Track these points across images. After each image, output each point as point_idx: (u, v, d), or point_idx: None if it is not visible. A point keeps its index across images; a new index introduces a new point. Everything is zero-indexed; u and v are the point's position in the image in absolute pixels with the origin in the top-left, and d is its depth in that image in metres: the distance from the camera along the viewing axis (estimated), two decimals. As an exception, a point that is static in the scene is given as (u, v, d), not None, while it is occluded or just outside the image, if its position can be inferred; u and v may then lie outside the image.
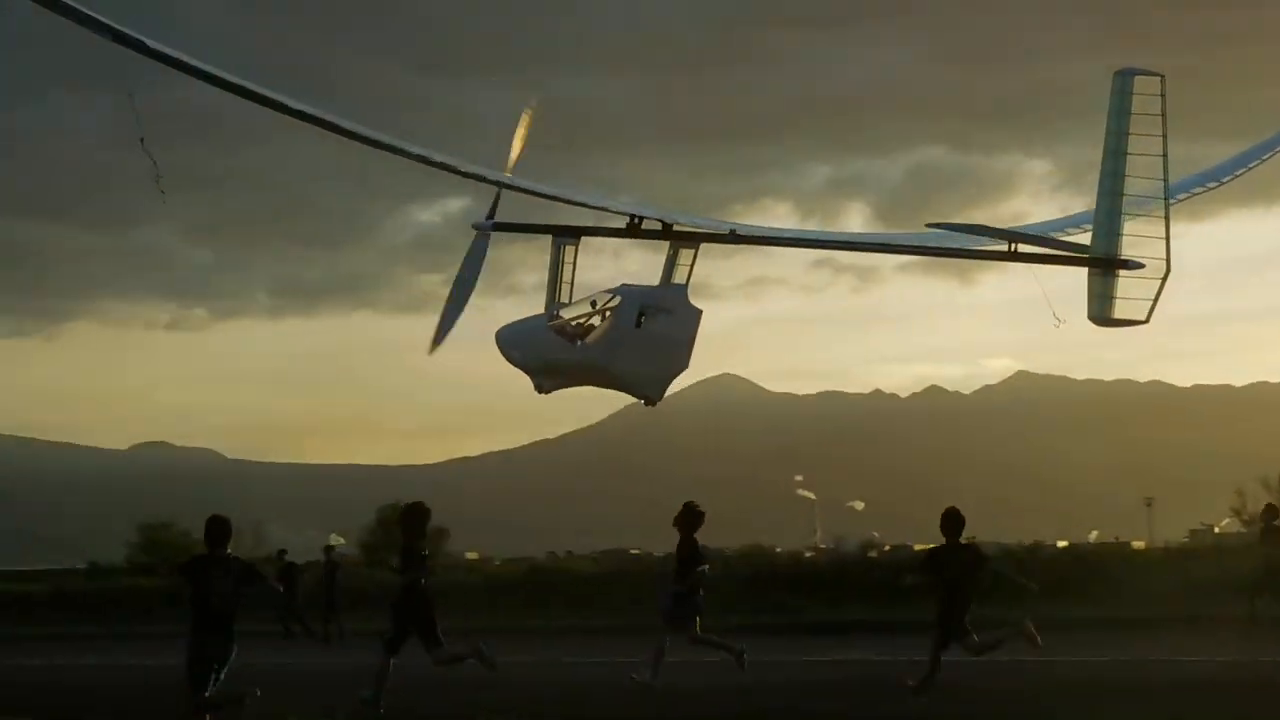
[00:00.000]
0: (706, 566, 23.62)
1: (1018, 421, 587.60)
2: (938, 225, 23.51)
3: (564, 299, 23.18)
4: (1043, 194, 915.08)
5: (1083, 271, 21.01)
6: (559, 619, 43.84)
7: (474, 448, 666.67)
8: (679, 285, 23.14)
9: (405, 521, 21.87)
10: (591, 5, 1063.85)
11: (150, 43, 16.98)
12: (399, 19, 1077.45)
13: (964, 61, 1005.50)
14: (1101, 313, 21.52)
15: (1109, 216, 21.21)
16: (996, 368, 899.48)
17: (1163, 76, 20.88)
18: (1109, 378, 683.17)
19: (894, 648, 26.67)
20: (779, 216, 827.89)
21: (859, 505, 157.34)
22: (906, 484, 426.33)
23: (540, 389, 23.80)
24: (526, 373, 23.91)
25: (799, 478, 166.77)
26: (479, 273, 23.68)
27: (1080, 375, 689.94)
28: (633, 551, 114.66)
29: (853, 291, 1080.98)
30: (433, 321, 23.42)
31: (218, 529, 18.06)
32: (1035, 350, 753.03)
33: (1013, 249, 22.18)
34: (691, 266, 23.28)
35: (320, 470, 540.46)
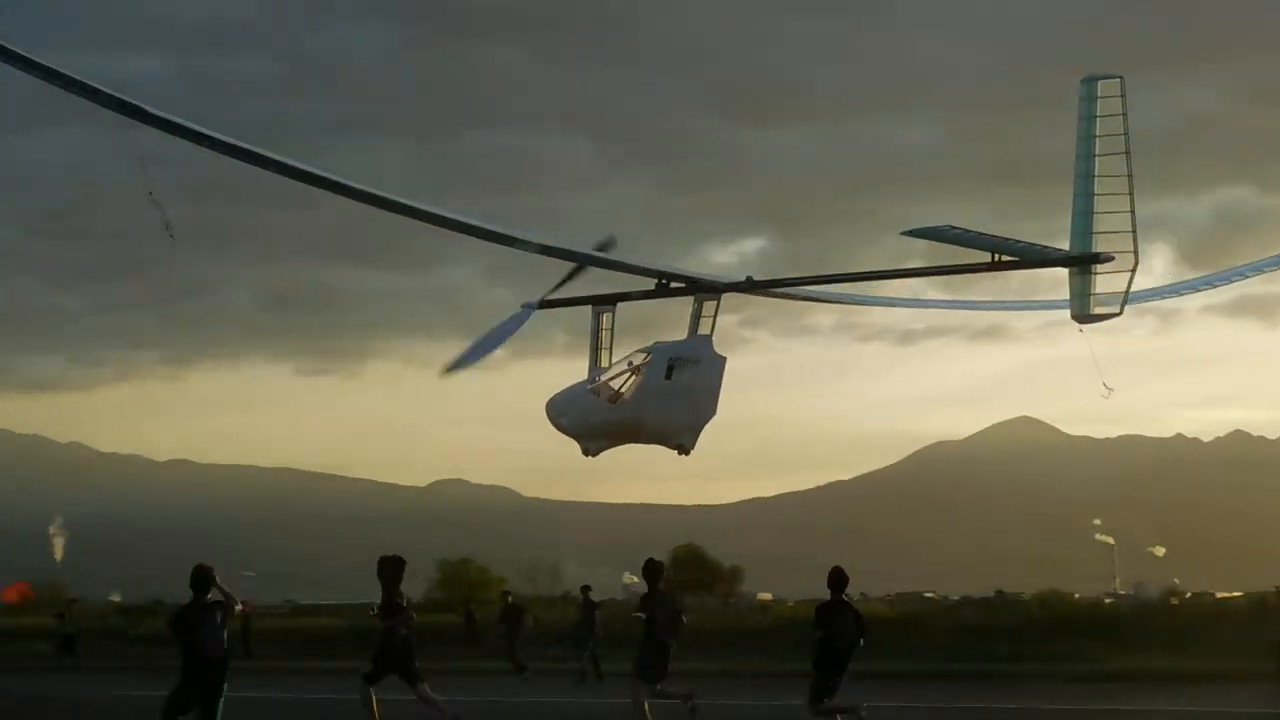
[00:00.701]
0: (643, 616, 23.43)
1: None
2: (913, 231, 23.60)
3: (604, 363, 24.63)
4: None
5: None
6: (854, 662, 43.42)
7: (769, 489, 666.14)
8: (705, 336, 24.30)
9: (382, 572, 22.53)
10: (888, 48, 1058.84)
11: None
12: (716, 67, 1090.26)
13: (1273, 103, 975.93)
14: (1083, 310, 22.79)
15: (1083, 217, 22.45)
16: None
17: (1122, 78, 22.17)
18: None
19: (1198, 698, 25.80)
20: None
21: (1159, 551, 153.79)
22: (1208, 531, 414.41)
23: (587, 452, 24.70)
24: (574, 438, 25.07)
25: (1097, 521, 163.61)
26: (507, 339, 25.84)
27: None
28: (927, 594, 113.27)
29: (1154, 334, 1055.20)
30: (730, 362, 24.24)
31: (200, 576, 19.59)
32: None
33: (996, 259, 23.20)
34: (715, 318, 24.52)
35: (615, 510, 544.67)
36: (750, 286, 25.51)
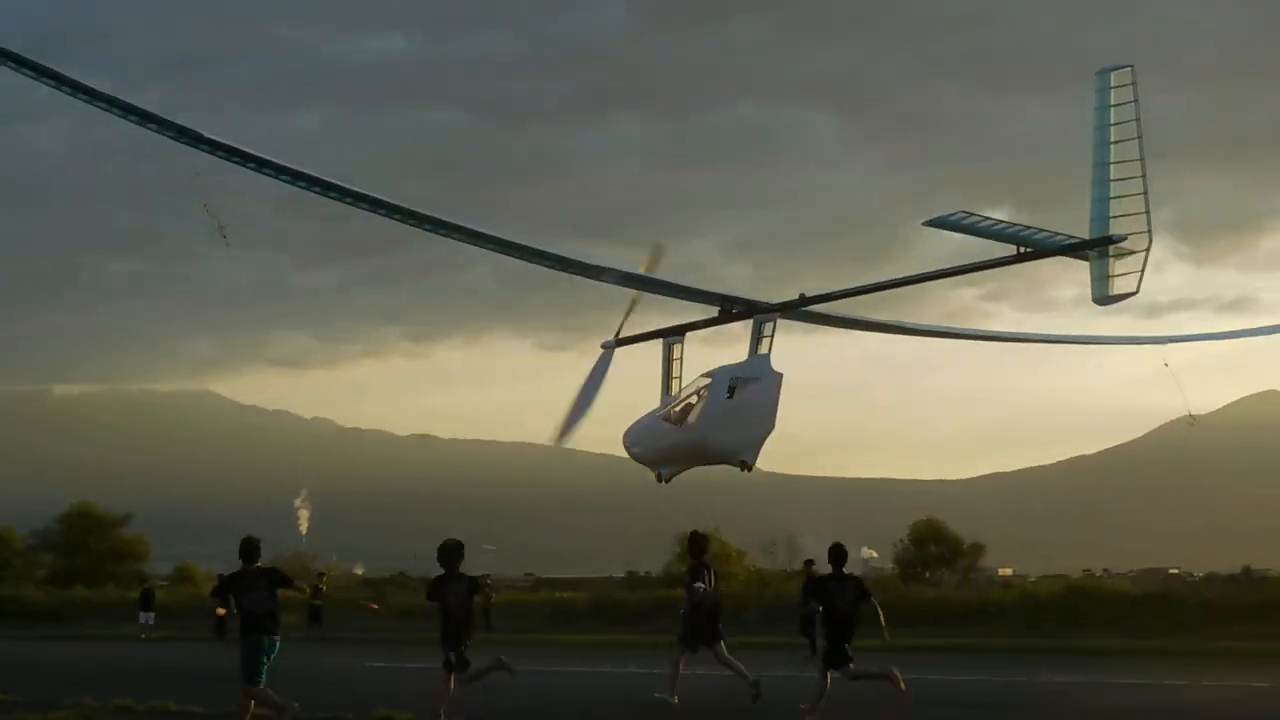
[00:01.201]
0: (700, 585, 24.05)
1: None
2: (933, 221, 24.62)
3: (674, 391, 26.32)
4: None
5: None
6: (1096, 638, 42.76)
7: (1010, 463, 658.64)
8: (763, 355, 25.71)
9: (441, 556, 21.99)
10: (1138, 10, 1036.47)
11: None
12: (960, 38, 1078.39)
13: None
14: (1104, 292, 23.86)
15: (1101, 203, 23.66)
16: None
17: (1132, 67, 23.61)
18: None
19: None
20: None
21: None
22: None
23: (660, 479, 26.52)
24: (647, 465, 26.71)
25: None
26: (600, 385, 27.06)
27: None
28: (1172, 570, 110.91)
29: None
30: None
31: (249, 548, 20.89)
32: None
33: (1020, 251, 24.30)
34: (772, 338, 26.05)
35: (852, 484, 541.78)
36: (803, 303, 26.73)
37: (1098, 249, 23.77)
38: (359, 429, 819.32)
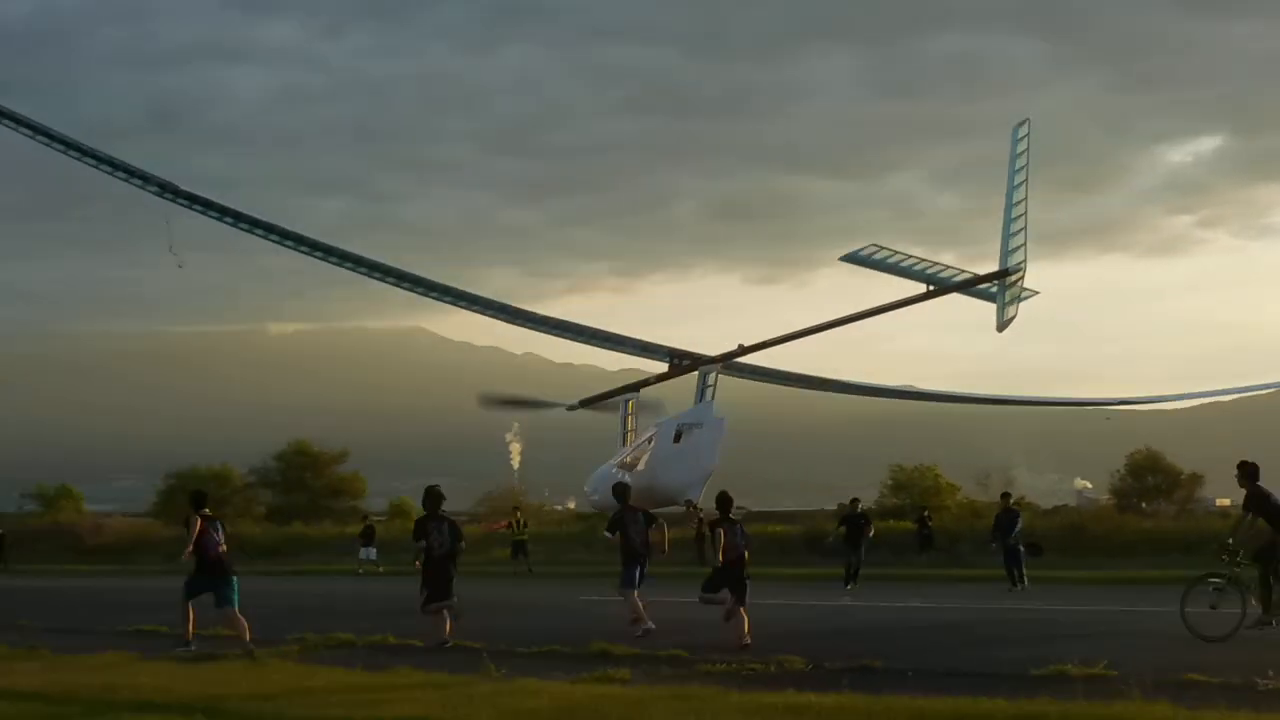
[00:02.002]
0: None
1: None
2: (848, 257, 29.65)
3: (630, 443, 29.07)
4: None
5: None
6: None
7: (1229, 390, 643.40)
8: (708, 403, 29.80)
9: (425, 500, 24.92)
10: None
11: None
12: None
13: None
14: (1004, 319, 29.55)
15: (1009, 237, 29.08)
16: None
17: (1028, 120, 29.92)
18: None
19: None
20: None
21: None
22: None
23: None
24: (603, 511, 29.31)
25: None
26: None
27: None
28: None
29: None
30: (1185, 263, 24.60)
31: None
32: None
33: (929, 290, 29.25)
34: (715, 386, 30.60)
35: (1069, 414, 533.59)
36: (741, 352, 31.36)
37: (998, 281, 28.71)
38: (570, 364, 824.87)
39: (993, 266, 36.37)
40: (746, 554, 24.19)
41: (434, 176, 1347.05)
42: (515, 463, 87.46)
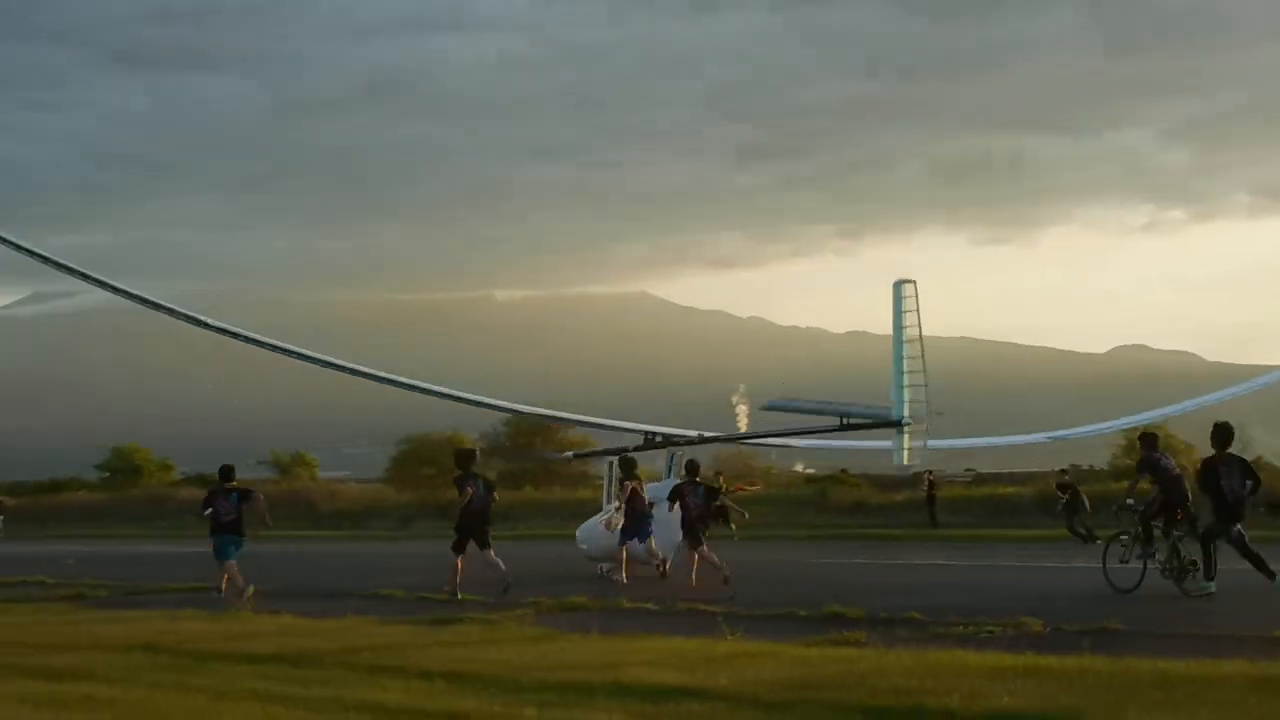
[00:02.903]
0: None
1: None
2: (772, 405, 32.98)
3: (613, 502, 31.35)
4: None
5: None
6: None
7: None
8: (673, 479, 32.07)
9: (456, 459, 28.92)
10: None
11: None
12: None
13: None
14: (899, 460, 32.12)
15: (899, 390, 30.97)
16: None
17: (914, 281, 31.32)
18: None
19: None
20: None
21: None
22: None
23: (600, 572, 31.61)
24: (591, 560, 32.90)
25: None
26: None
27: None
28: None
29: None
30: None
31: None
32: None
33: (844, 422, 31.92)
34: (681, 464, 32.84)
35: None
36: (703, 441, 35.43)
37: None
38: (796, 327, 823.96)
39: (1217, 222, 35.58)
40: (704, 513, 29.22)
41: (657, 143, 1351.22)
42: (742, 425, 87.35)
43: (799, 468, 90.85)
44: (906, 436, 33.25)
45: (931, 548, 41.34)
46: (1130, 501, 24.98)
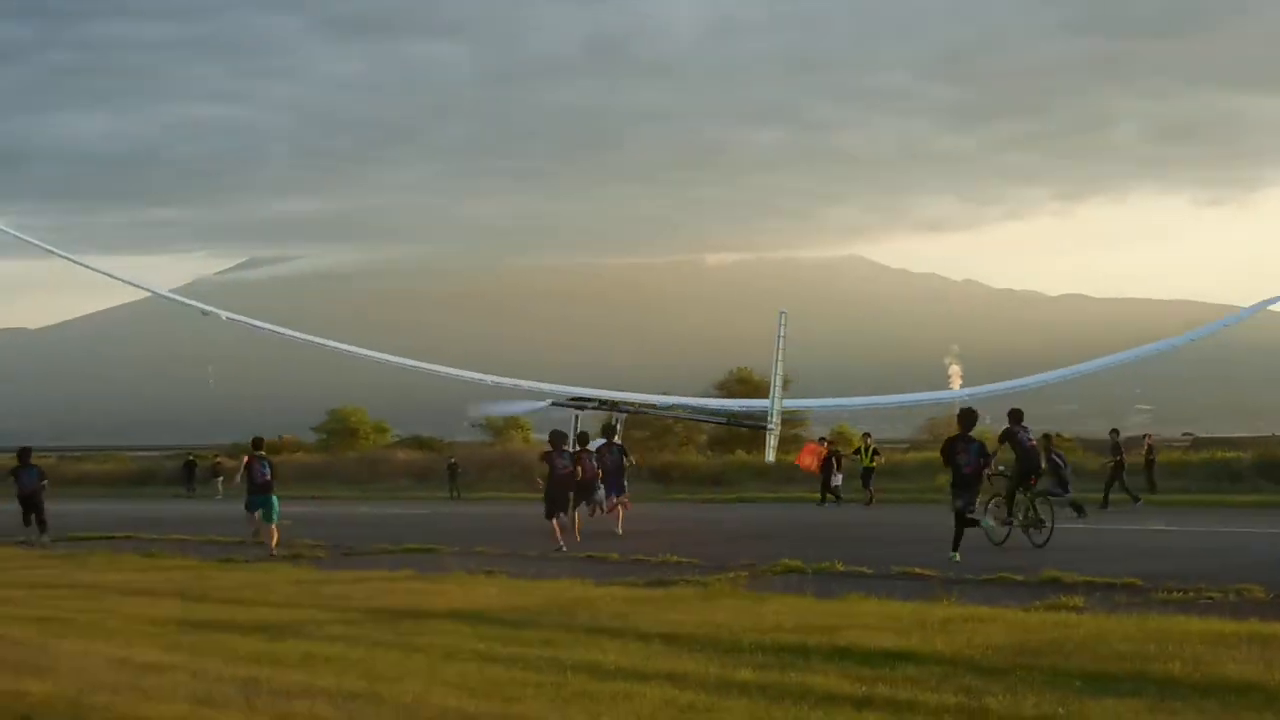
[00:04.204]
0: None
1: None
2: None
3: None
4: None
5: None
6: None
7: None
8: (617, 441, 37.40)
9: (550, 439, 34.84)
10: None
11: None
12: None
13: None
14: (768, 456, 46.05)
15: (773, 401, 43.82)
16: None
17: (784, 311, 46.18)
18: None
19: None
20: None
21: None
22: None
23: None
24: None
25: None
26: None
27: None
28: None
29: None
30: None
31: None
32: None
33: (729, 420, 52.67)
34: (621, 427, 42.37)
35: None
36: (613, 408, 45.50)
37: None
38: (1010, 290, 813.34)
39: None
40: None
41: (870, 105, 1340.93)
42: (955, 386, 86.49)
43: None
44: (771, 436, 45.53)
45: (1151, 512, 40.63)
46: (1001, 469, 28.38)
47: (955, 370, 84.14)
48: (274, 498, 32.06)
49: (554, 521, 31.77)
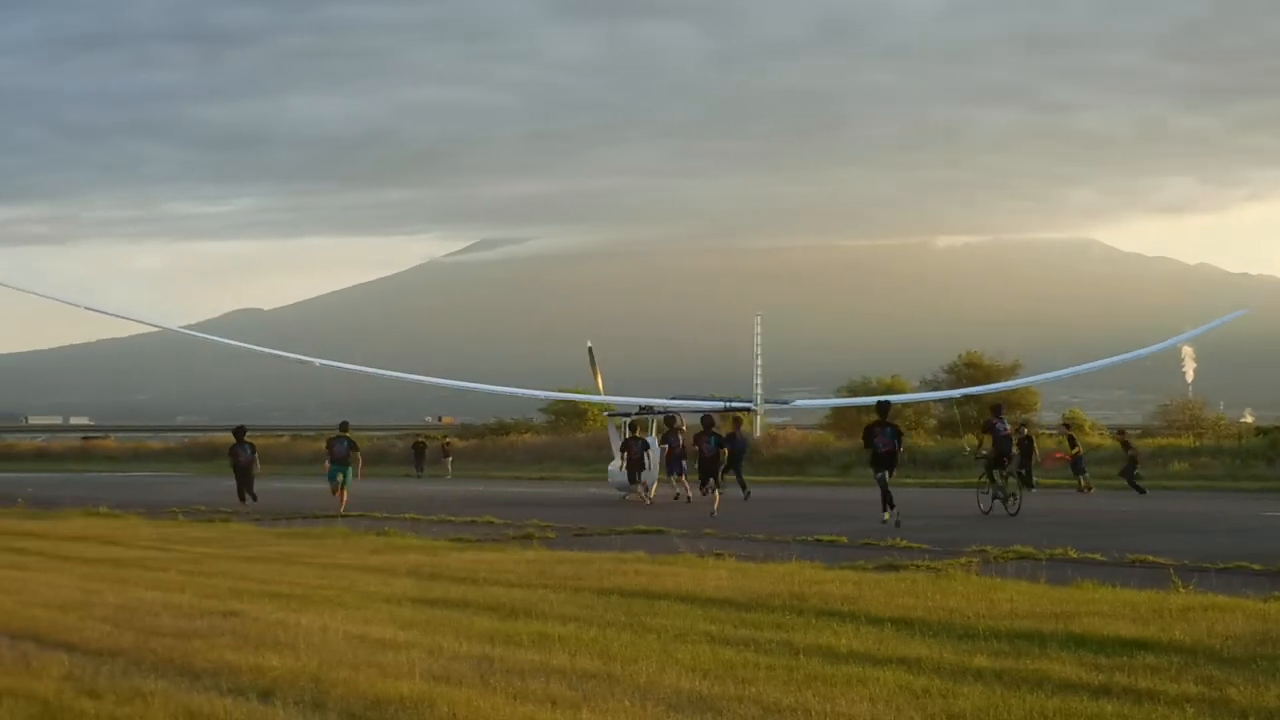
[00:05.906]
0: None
1: None
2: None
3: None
4: None
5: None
6: None
7: None
8: (652, 437, 46.42)
9: (701, 421, 41.65)
10: None
11: None
12: None
13: None
14: (755, 433, 56.27)
15: (756, 388, 49.64)
16: None
17: (761, 316, 52.54)
18: None
19: None
20: None
21: None
22: None
23: (624, 499, 45.39)
24: (619, 490, 47.34)
25: None
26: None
27: None
28: None
29: None
30: None
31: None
32: None
33: (725, 406, 48.47)
34: (654, 425, 48.69)
35: None
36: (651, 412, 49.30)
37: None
38: (1247, 274, 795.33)
39: None
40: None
41: (1108, 84, 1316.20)
42: (1189, 375, 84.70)
43: (1248, 418, 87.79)
44: (759, 417, 53.02)
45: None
46: (983, 453, 36.58)
47: (1189, 351, 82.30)
48: (349, 468, 40.51)
49: (715, 492, 38.20)
